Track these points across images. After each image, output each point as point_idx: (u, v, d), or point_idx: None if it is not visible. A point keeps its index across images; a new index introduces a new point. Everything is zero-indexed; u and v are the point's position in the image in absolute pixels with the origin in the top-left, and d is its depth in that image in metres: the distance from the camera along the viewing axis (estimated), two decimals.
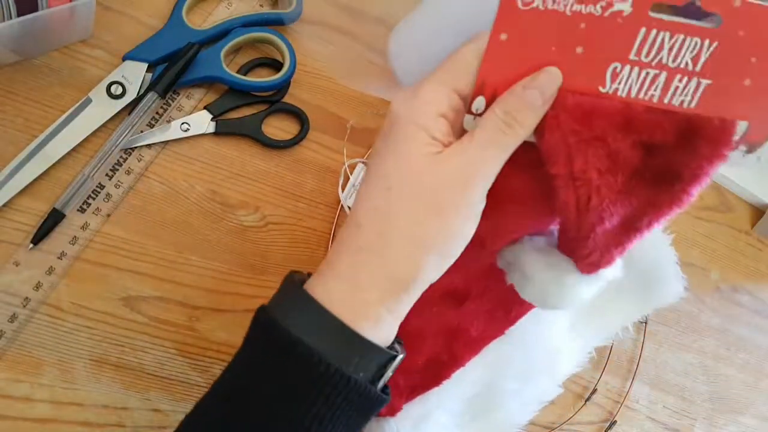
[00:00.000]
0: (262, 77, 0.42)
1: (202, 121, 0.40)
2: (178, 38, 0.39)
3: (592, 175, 0.27)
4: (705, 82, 0.27)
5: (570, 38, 0.26)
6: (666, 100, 0.28)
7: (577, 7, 0.26)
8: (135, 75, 0.38)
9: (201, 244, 0.39)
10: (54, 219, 0.35)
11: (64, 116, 0.36)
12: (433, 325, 0.36)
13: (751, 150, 0.30)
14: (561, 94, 0.27)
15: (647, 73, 0.27)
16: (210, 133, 0.40)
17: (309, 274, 0.28)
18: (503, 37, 0.27)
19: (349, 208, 0.44)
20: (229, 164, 0.41)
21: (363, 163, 0.44)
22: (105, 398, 0.35)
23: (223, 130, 0.40)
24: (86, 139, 0.37)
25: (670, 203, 0.29)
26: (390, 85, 0.46)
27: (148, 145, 0.39)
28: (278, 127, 0.43)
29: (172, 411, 0.37)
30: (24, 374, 0.34)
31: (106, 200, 0.37)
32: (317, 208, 0.43)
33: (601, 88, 0.27)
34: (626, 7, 0.26)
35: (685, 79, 0.27)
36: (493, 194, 0.28)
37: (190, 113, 0.40)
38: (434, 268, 0.27)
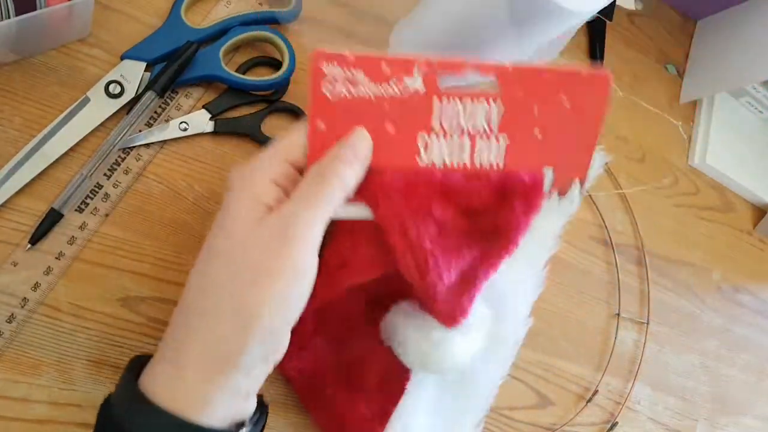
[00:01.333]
0: (261, 76, 0.42)
1: (201, 121, 0.40)
2: (176, 37, 0.39)
3: (425, 243, 0.29)
4: (503, 140, 0.30)
5: (379, 119, 0.28)
6: (478, 164, 0.30)
7: (377, 91, 0.28)
8: (133, 74, 0.38)
9: (200, 244, 0.38)
10: (52, 219, 0.35)
11: (62, 115, 0.36)
12: (370, 345, 0.36)
13: (561, 194, 0.32)
14: (388, 172, 0.29)
15: (452, 141, 0.29)
16: (209, 133, 0.40)
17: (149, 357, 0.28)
18: (321, 126, 0.28)
19: None
20: (228, 164, 0.41)
21: None
22: (103, 399, 0.35)
23: (222, 130, 0.40)
24: (84, 139, 0.37)
25: (499, 253, 0.30)
26: None
27: (147, 145, 0.38)
28: (277, 127, 0.43)
29: None
30: (22, 375, 0.33)
31: (104, 200, 0.37)
32: None
33: (419, 161, 0.29)
34: (418, 83, 0.28)
35: (486, 140, 0.29)
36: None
37: (189, 112, 0.40)
38: (264, 339, 0.26)
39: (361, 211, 0.29)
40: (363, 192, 0.29)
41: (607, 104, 0.30)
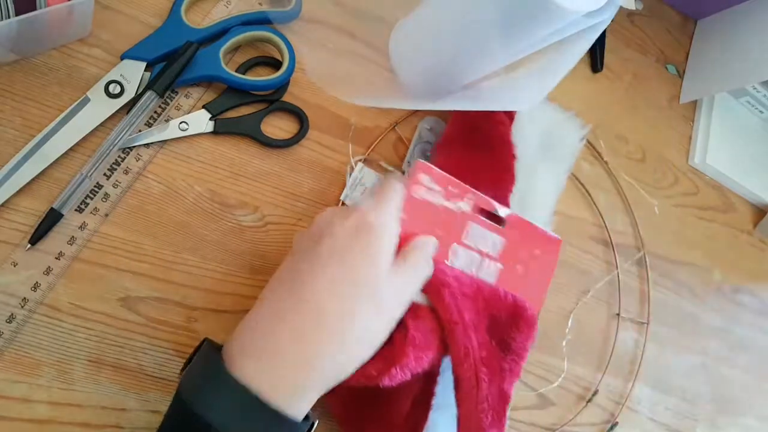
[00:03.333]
0: (261, 76, 0.42)
1: (201, 121, 0.40)
2: (176, 37, 0.39)
3: (474, 335, 0.35)
4: (499, 265, 0.39)
5: (436, 223, 0.37)
6: (480, 276, 0.38)
7: (442, 202, 0.38)
8: (133, 74, 0.38)
9: (199, 244, 0.39)
10: (52, 219, 0.35)
11: (62, 115, 0.36)
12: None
13: None
14: (444, 274, 0.36)
15: (470, 254, 0.38)
16: (208, 133, 0.40)
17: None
18: (404, 216, 0.36)
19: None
20: (228, 164, 0.41)
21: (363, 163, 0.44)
22: (103, 399, 0.35)
23: (222, 130, 0.40)
24: (84, 139, 0.37)
25: (510, 372, 0.37)
26: (377, 95, 0.46)
27: (147, 145, 0.38)
28: (277, 127, 0.43)
29: None
30: (22, 375, 0.33)
31: (104, 200, 0.37)
32: (316, 207, 0.43)
33: (446, 261, 0.38)
34: (467, 207, 0.38)
35: (488, 261, 0.39)
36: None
37: (189, 112, 0.40)
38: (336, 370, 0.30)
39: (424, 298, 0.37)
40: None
41: (556, 260, 0.41)
